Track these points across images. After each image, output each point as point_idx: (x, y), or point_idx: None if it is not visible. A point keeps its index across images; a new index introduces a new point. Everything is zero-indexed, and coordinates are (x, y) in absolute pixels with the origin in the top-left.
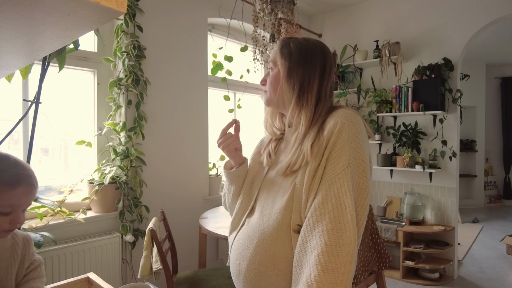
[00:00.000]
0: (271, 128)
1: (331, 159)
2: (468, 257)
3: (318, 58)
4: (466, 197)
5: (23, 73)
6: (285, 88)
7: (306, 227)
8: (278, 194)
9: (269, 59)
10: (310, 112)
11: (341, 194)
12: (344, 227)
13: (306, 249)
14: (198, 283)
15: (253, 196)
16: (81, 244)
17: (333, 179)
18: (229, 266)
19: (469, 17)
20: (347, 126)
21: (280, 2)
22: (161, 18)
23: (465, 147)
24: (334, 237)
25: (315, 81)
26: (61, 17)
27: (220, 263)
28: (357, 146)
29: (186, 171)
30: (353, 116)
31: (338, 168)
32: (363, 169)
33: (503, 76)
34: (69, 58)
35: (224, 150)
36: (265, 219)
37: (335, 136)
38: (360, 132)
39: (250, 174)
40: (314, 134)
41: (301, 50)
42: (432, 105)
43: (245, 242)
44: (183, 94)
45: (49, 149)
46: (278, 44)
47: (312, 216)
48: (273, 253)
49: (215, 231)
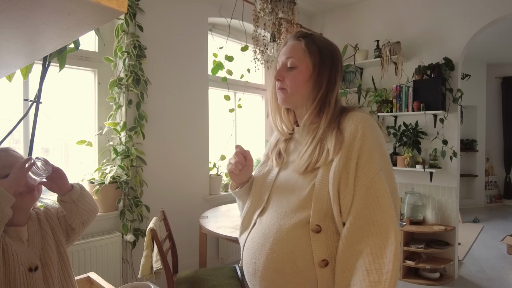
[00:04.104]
0: (281, 127)
1: (361, 165)
2: (468, 257)
3: (338, 58)
4: (467, 197)
5: (23, 72)
6: (311, 87)
7: (349, 232)
8: (294, 193)
9: (286, 52)
10: (331, 113)
11: (379, 197)
12: (388, 229)
13: (352, 254)
14: (198, 283)
15: (264, 196)
16: (81, 244)
17: (368, 183)
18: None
19: (470, 17)
20: (370, 131)
21: (281, 2)
22: (161, 17)
23: (466, 146)
24: (380, 240)
25: (338, 81)
26: (62, 17)
27: (221, 262)
28: (382, 149)
29: (187, 171)
30: (371, 120)
31: (371, 172)
32: (390, 171)
33: (504, 75)
34: (70, 58)
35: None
36: (281, 218)
37: (360, 141)
38: (381, 136)
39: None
40: (334, 133)
41: (327, 48)
42: (433, 104)
43: (260, 241)
44: (183, 94)
45: (50, 148)
46: (295, 37)
47: (355, 222)
48: (290, 250)
49: (216, 230)
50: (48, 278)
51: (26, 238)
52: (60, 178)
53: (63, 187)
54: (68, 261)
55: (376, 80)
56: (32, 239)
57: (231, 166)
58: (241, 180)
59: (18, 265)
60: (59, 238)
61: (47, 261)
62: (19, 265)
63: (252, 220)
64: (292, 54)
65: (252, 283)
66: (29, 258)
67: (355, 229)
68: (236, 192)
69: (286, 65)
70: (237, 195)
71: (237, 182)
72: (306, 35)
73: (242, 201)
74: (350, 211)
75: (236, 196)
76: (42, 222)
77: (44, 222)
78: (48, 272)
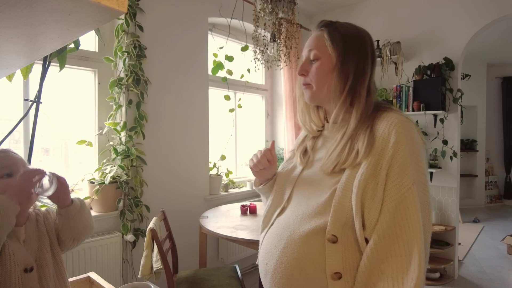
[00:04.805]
0: (309, 125)
1: (392, 176)
2: (468, 257)
3: (368, 45)
4: (467, 197)
5: (24, 72)
6: (336, 78)
7: (372, 252)
8: (314, 196)
9: (308, 44)
10: (362, 107)
11: (409, 215)
12: (413, 252)
13: (373, 273)
14: (198, 283)
15: (284, 195)
16: (81, 244)
17: (399, 198)
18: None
19: (470, 17)
20: (405, 137)
21: (281, 2)
22: (161, 17)
23: (466, 147)
24: (403, 263)
25: (367, 72)
26: (62, 17)
27: (221, 262)
28: (417, 158)
29: (187, 171)
30: (408, 123)
31: (403, 186)
32: (425, 184)
33: (504, 75)
34: (70, 58)
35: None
36: (296, 221)
37: (393, 149)
38: (417, 142)
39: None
40: (366, 133)
41: (353, 35)
42: (433, 104)
43: (273, 242)
44: (183, 94)
45: (50, 148)
46: (318, 27)
47: (380, 241)
48: (300, 256)
49: (216, 230)
50: (43, 280)
51: (23, 239)
52: (62, 191)
53: (63, 200)
54: (62, 264)
55: (376, 80)
56: (29, 240)
57: (252, 163)
58: (265, 177)
59: (14, 265)
60: (54, 241)
61: (42, 263)
62: (15, 266)
63: (271, 219)
64: (314, 46)
65: (264, 283)
66: (25, 259)
67: (379, 249)
68: (260, 189)
69: (309, 58)
70: (260, 192)
71: (260, 179)
72: (328, 23)
73: (266, 197)
74: (375, 227)
75: (261, 193)
76: (40, 223)
77: (41, 224)
78: (43, 274)
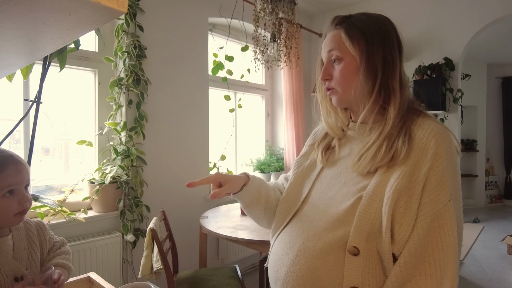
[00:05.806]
0: (336, 127)
1: (428, 190)
2: (469, 257)
3: (392, 32)
4: (467, 197)
5: (24, 72)
6: (363, 79)
7: (401, 271)
8: (334, 202)
9: (327, 44)
10: (398, 102)
11: (443, 234)
12: (445, 274)
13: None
14: (198, 283)
15: (300, 196)
16: (82, 244)
17: (433, 215)
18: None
19: (470, 17)
20: (444, 149)
21: (281, 2)
22: (162, 17)
23: (466, 147)
24: (433, 284)
25: (396, 62)
26: (62, 17)
27: (221, 262)
28: (455, 173)
29: (187, 171)
30: (447, 134)
31: (439, 202)
32: (460, 201)
33: (504, 75)
34: (70, 58)
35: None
36: (312, 227)
37: (431, 161)
38: (455, 155)
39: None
40: (406, 135)
41: (372, 26)
42: (433, 104)
43: (285, 248)
44: (183, 94)
45: (50, 148)
46: (333, 26)
47: (411, 259)
48: (314, 266)
49: (216, 230)
50: None
51: (12, 248)
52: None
53: None
54: None
55: None
56: (18, 249)
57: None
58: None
59: (3, 278)
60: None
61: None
62: (4, 278)
63: (285, 221)
64: (333, 46)
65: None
66: (14, 269)
67: (408, 268)
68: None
69: (330, 60)
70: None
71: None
72: (343, 20)
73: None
74: (406, 244)
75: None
76: (32, 233)
77: (33, 234)
78: None
